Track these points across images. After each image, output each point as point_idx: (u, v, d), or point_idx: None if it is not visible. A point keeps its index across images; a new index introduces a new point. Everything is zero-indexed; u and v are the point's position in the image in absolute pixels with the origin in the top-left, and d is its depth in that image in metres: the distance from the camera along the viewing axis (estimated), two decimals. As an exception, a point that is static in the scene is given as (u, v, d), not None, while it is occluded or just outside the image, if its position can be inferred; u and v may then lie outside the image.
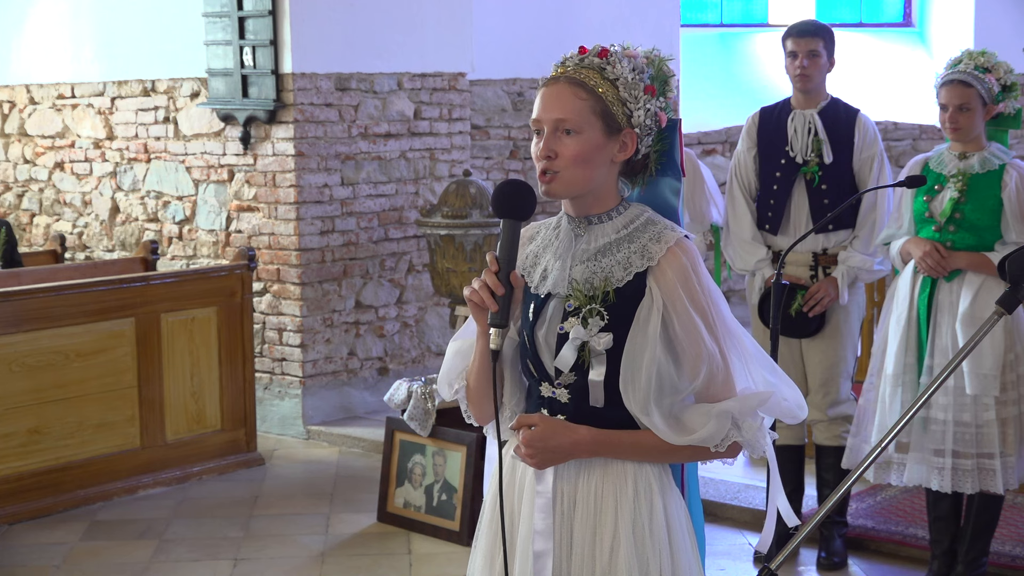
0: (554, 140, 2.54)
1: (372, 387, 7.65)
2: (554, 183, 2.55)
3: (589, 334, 2.53)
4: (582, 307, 2.55)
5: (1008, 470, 4.69)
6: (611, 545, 2.55)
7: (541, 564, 2.57)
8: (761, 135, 5.30)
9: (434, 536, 5.69)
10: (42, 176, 8.59)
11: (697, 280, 2.52)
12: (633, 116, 2.55)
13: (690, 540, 2.63)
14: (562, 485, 2.59)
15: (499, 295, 2.48)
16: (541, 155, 2.54)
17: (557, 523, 2.59)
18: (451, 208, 6.63)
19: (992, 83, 4.67)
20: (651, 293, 2.52)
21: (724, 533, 5.57)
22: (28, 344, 6.07)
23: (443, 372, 2.77)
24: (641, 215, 2.59)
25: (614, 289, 2.54)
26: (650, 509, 2.56)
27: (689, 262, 2.52)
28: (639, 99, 2.55)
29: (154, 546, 5.71)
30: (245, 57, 7.19)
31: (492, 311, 2.48)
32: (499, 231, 2.54)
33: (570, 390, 2.58)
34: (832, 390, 5.24)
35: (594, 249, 2.58)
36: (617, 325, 2.53)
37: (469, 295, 2.51)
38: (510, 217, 2.51)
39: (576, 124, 2.52)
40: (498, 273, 2.48)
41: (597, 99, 2.53)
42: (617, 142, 2.56)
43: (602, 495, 2.57)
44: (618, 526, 2.55)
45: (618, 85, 2.54)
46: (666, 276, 2.51)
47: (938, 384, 2.33)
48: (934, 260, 4.67)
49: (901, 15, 11.32)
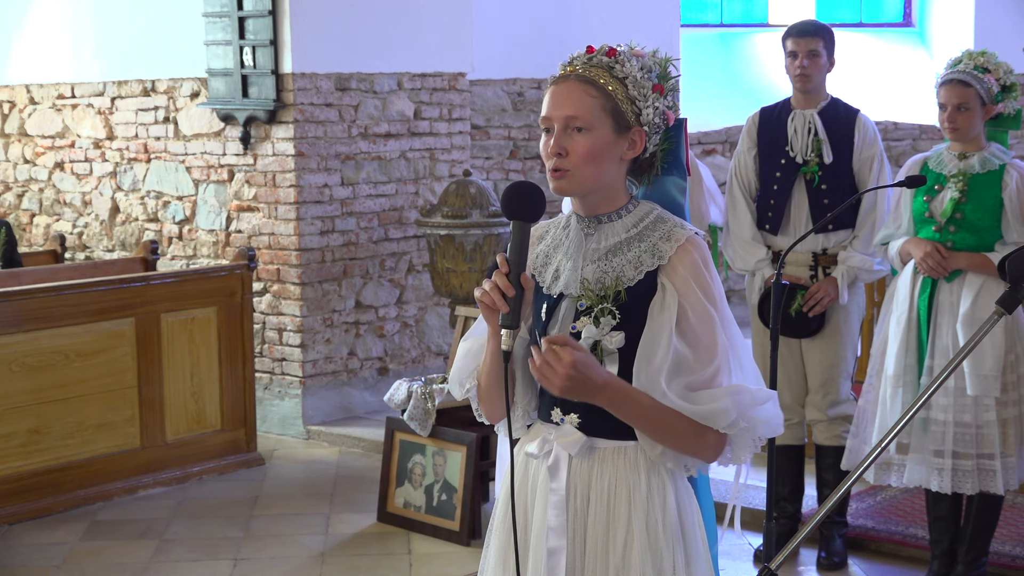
0: (565, 137, 2.54)
1: (372, 387, 7.65)
2: (564, 180, 2.55)
3: (601, 333, 2.54)
4: (594, 306, 2.56)
5: (1008, 471, 4.69)
6: (624, 540, 2.55)
7: (554, 561, 2.57)
8: (761, 135, 5.30)
9: (434, 536, 5.69)
10: (42, 176, 8.59)
11: (709, 276, 2.53)
12: (642, 114, 2.56)
13: (702, 535, 2.65)
14: (575, 481, 2.60)
15: (509, 296, 2.48)
16: (552, 152, 2.55)
17: (570, 519, 2.59)
18: (451, 208, 6.64)
19: (991, 83, 4.66)
20: (663, 289, 2.53)
21: (724, 533, 5.56)
22: (28, 344, 6.07)
23: (454, 372, 2.77)
24: (651, 213, 2.60)
25: (625, 288, 2.54)
26: (663, 504, 2.57)
27: (700, 258, 2.53)
28: (648, 97, 2.56)
29: (154, 546, 5.71)
30: (245, 57, 7.19)
31: (503, 312, 2.48)
32: (508, 233, 2.54)
33: None
34: (832, 390, 5.24)
35: (605, 248, 2.59)
36: (629, 324, 2.53)
37: (480, 296, 2.51)
38: (520, 219, 2.51)
39: (587, 121, 2.53)
40: (508, 275, 2.48)
41: (607, 97, 2.54)
42: (626, 140, 2.56)
43: (615, 491, 2.58)
44: (631, 521, 2.55)
45: (627, 83, 2.55)
46: (678, 273, 2.52)
47: (938, 385, 2.33)
48: (935, 261, 4.67)
49: (901, 15, 11.32)
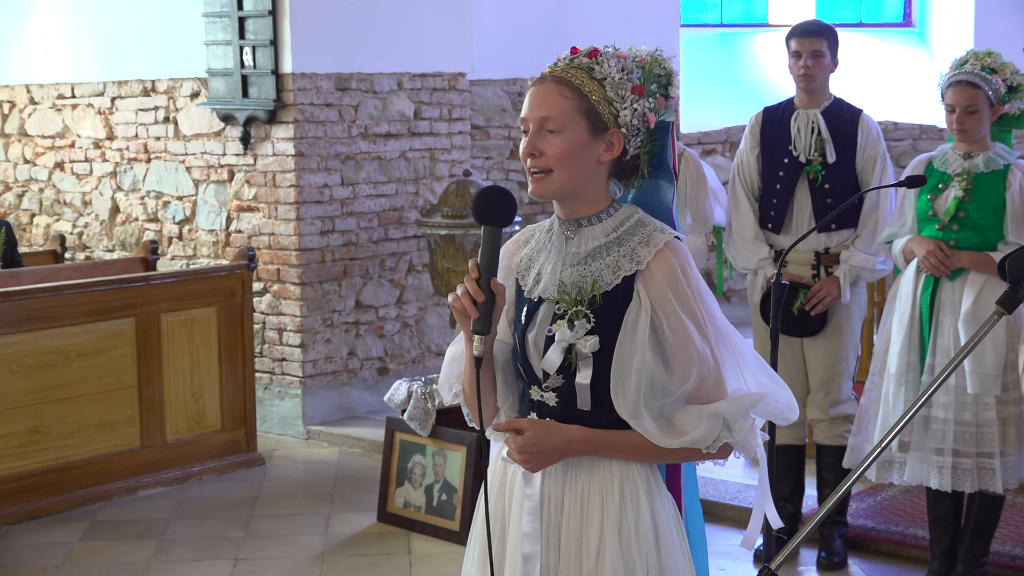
0: (538, 138, 2.54)
1: (372, 387, 7.64)
2: (540, 183, 2.55)
3: (575, 337, 2.53)
4: (569, 310, 2.55)
5: (1008, 469, 4.69)
6: (597, 547, 2.55)
7: (529, 567, 2.58)
8: (764, 134, 5.29)
9: (434, 536, 5.69)
10: (42, 176, 8.59)
11: (687, 282, 2.51)
12: (620, 116, 2.54)
13: (680, 541, 2.62)
14: (550, 488, 2.60)
15: (480, 302, 2.47)
16: (525, 153, 2.55)
17: (544, 526, 2.59)
18: (451, 208, 6.63)
19: (999, 84, 4.65)
20: (639, 297, 2.52)
21: (724, 533, 5.56)
22: (28, 344, 6.07)
23: (442, 377, 2.79)
24: (631, 216, 2.59)
25: (602, 293, 2.53)
26: (636, 511, 2.56)
27: (678, 263, 2.52)
28: (626, 99, 2.54)
29: (154, 546, 5.70)
30: (245, 57, 7.19)
31: (473, 318, 2.48)
32: (480, 238, 2.53)
33: (558, 393, 2.58)
34: (833, 389, 5.24)
35: (584, 252, 2.58)
36: (604, 328, 2.52)
37: (451, 302, 2.51)
38: (491, 224, 2.50)
39: (559, 123, 2.52)
40: (479, 280, 2.48)
41: (582, 98, 2.53)
42: (603, 142, 2.55)
43: (588, 498, 2.57)
44: (604, 528, 2.55)
45: (605, 85, 2.54)
46: (655, 280, 2.51)
47: (938, 384, 2.32)
48: (937, 259, 4.67)
49: (901, 15, 11.31)
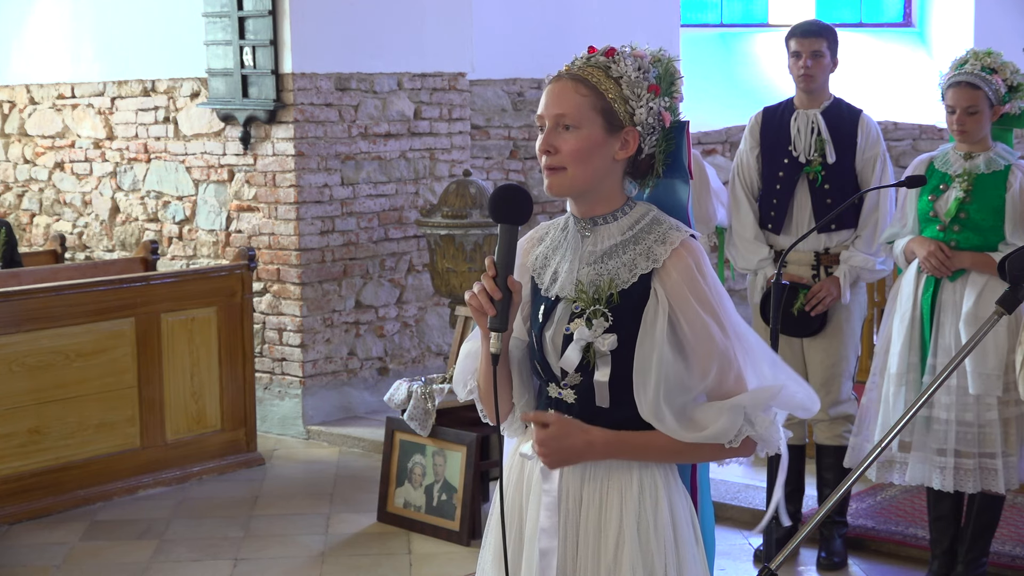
0: (554, 135, 2.55)
1: (372, 387, 7.64)
2: (556, 179, 2.56)
3: (593, 335, 2.54)
4: (587, 308, 2.55)
5: (1010, 470, 4.69)
6: (615, 543, 2.56)
7: (546, 562, 2.58)
8: (764, 135, 5.29)
9: (434, 536, 5.69)
10: (42, 176, 8.59)
11: (703, 279, 2.52)
12: (635, 114, 2.55)
13: (695, 539, 2.63)
14: (568, 484, 2.60)
15: (496, 300, 2.48)
16: (541, 150, 2.56)
17: (562, 521, 2.60)
18: (451, 208, 6.63)
19: (999, 84, 4.64)
20: (656, 295, 2.52)
21: (724, 533, 5.56)
22: (28, 344, 6.07)
23: (456, 372, 2.79)
24: (647, 214, 2.59)
25: (619, 291, 2.54)
26: (655, 508, 2.56)
27: (694, 261, 2.52)
28: (641, 97, 2.55)
29: (154, 546, 5.70)
30: (245, 57, 7.19)
31: (490, 315, 2.49)
32: (497, 236, 2.53)
33: (576, 391, 2.59)
34: (833, 389, 5.24)
35: (600, 251, 2.59)
36: (622, 326, 2.53)
37: (468, 299, 2.52)
38: (507, 222, 2.50)
39: (575, 120, 2.53)
40: (495, 278, 2.48)
41: (598, 96, 2.54)
42: (618, 140, 2.56)
43: (607, 493, 2.58)
44: (623, 524, 2.55)
45: (621, 83, 2.55)
46: (671, 278, 2.52)
47: (938, 384, 2.33)
48: (938, 260, 4.67)
49: (901, 15, 11.31)
